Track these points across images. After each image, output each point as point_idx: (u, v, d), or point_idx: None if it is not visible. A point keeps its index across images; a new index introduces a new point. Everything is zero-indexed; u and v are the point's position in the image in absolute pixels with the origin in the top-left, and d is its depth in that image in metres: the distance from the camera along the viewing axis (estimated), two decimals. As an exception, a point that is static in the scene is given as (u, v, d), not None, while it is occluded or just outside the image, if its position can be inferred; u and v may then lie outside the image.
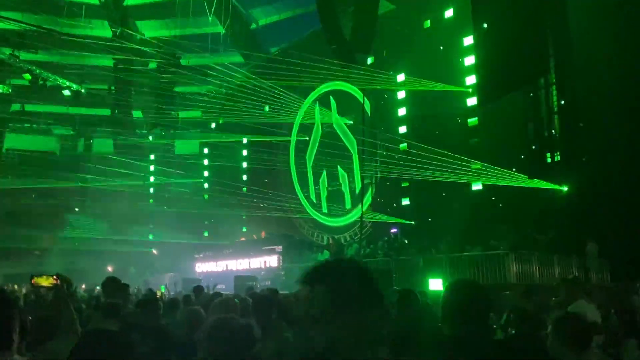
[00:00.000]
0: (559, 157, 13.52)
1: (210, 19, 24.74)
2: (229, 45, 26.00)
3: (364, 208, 16.42)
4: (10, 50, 23.13)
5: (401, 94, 18.03)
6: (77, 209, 29.56)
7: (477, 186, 14.74)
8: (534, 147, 14.00)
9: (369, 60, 18.21)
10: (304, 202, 21.87)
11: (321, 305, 1.52)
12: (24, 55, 24.15)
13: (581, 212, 12.29)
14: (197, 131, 28.68)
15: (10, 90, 27.13)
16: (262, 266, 16.91)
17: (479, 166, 14.25)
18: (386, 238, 15.71)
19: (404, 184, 17.34)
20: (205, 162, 28.73)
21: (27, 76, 23.38)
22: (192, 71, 24.42)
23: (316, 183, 21.28)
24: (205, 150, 29.12)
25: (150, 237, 28.57)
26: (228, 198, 24.92)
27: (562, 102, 13.27)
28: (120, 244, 26.96)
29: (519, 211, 13.37)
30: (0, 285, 7.12)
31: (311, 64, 17.94)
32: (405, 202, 17.40)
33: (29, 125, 30.45)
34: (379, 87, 17.59)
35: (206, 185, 28.13)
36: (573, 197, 12.79)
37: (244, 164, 26.17)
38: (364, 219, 15.83)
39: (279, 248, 17.70)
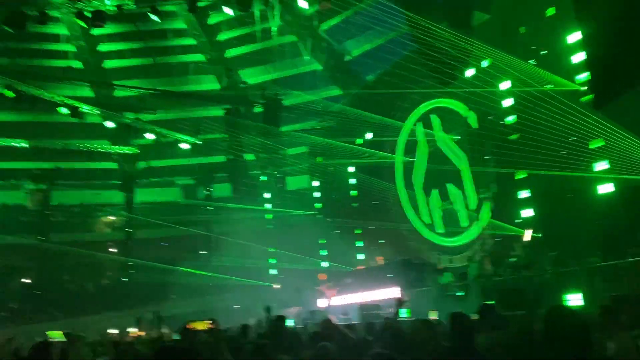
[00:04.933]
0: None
1: (306, 58, 25.68)
2: (327, 80, 26.75)
3: (483, 224, 15.81)
4: (134, 115, 25.71)
5: (507, 102, 17.33)
6: (203, 252, 31.44)
7: (606, 188, 13.59)
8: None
9: (469, 74, 17.80)
10: (417, 224, 21.54)
11: None
12: (145, 117, 26.75)
13: None
14: (306, 165, 29.60)
15: (137, 150, 30.07)
16: (386, 297, 16.69)
17: (605, 165, 13.19)
18: (515, 252, 14.90)
19: (524, 192, 16.46)
20: (317, 194, 29.40)
21: (150, 135, 25.75)
22: (295, 110, 25.37)
23: (427, 203, 20.91)
24: (316, 183, 29.85)
25: (273, 271, 29.62)
26: (341, 227, 25.27)
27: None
28: (246, 282, 28.18)
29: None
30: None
31: (410, 83, 17.89)
32: (528, 212, 16.46)
33: (155, 179, 33.28)
34: (482, 99, 17.06)
35: (319, 217, 28.71)
36: None
37: (354, 193, 26.43)
38: (483, 235, 15.25)
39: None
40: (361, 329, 6.70)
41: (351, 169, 25.92)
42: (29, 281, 30.62)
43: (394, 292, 15.79)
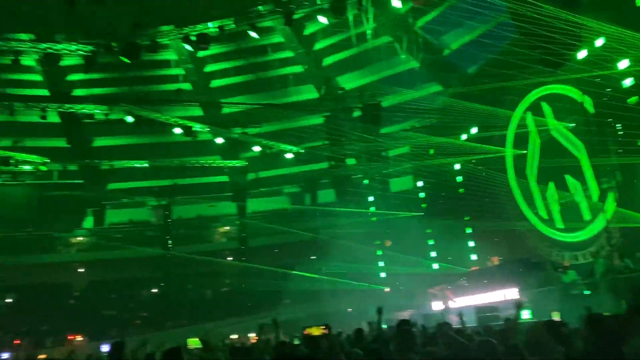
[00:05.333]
0: None
1: (403, 56, 25.36)
2: (426, 77, 26.21)
3: (608, 216, 14.56)
4: (241, 129, 26.98)
5: (627, 82, 15.81)
6: (313, 257, 32.03)
7: None
8: None
9: (581, 56, 16.51)
10: (533, 220, 20.31)
11: None
12: (251, 131, 27.96)
13: None
14: (409, 166, 29.17)
15: (245, 163, 31.47)
16: (503, 298, 15.89)
17: None
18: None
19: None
20: (422, 195, 28.84)
21: (257, 148, 26.84)
22: (395, 111, 25.14)
23: (543, 197, 19.64)
24: (420, 183, 29.30)
25: (383, 275, 29.46)
26: (450, 226, 24.54)
27: None
28: (356, 286, 28.31)
29: None
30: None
31: (514, 74, 16.98)
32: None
33: (263, 189, 34.60)
34: (598, 82, 15.74)
35: (427, 218, 28.10)
36: None
37: (461, 190, 25.57)
38: (609, 228, 14.02)
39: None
40: (474, 333, 6.41)
41: (457, 166, 25.11)
42: (156, 290, 33.07)
43: (511, 293, 15.03)
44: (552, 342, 4.16)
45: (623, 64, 15.35)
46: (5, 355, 23.16)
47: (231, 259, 34.37)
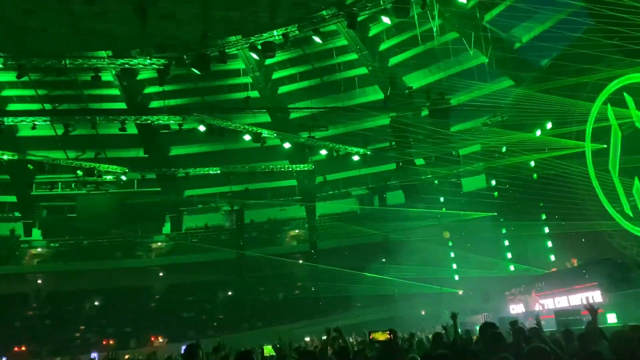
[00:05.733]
0: None
1: (471, 52, 24.66)
2: (496, 72, 25.36)
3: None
4: (308, 133, 27.25)
5: None
6: (383, 260, 31.76)
7: None
8: None
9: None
10: (617, 217, 19.08)
11: None
12: (318, 134, 28.18)
13: None
14: (481, 165, 28.30)
15: (313, 167, 31.75)
16: (584, 301, 15.06)
17: None
18: None
19: None
20: (495, 194, 27.90)
21: (324, 151, 27.01)
22: (464, 107, 24.53)
23: (629, 194, 18.41)
24: (493, 182, 28.36)
25: (455, 277, 28.76)
26: (527, 226, 23.60)
27: None
28: (428, 289, 27.78)
29: None
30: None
31: (591, 62, 16.06)
32: None
33: (332, 192, 34.76)
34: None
35: (502, 218, 27.14)
36: None
37: (537, 188, 24.47)
38: None
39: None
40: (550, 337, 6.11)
41: (532, 163, 24.07)
42: (231, 293, 34.00)
43: (595, 296, 14.21)
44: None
45: None
46: (94, 354, 24.58)
47: (301, 262, 34.78)
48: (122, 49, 23.53)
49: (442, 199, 29.91)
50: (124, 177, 31.24)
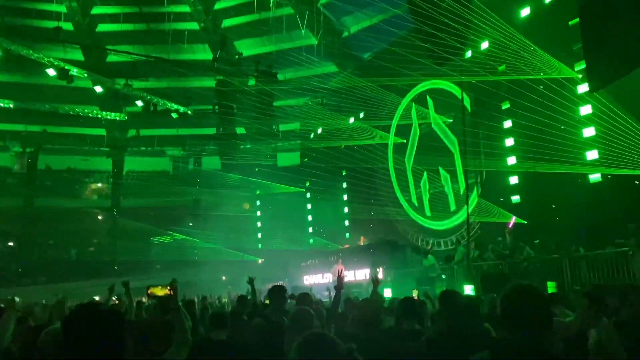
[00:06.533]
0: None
1: (303, 32, 25.21)
2: (323, 56, 26.32)
3: (470, 209, 15.70)
4: (124, 80, 25.19)
5: (503, 87, 17.10)
6: (190, 224, 31.29)
7: (594, 176, 13.45)
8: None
9: (467, 55, 17.51)
10: (405, 206, 21.46)
11: None
12: (136, 84, 26.23)
13: None
14: (297, 142, 29.33)
15: (126, 118, 29.58)
16: (367, 276, 16.69)
17: (595, 155, 13.11)
18: (500, 239, 14.81)
19: (513, 178, 16.39)
20: (306, 172, 29.23)
21: (140, 103, 25.29)
22: (289, 84, 25.00)
23: (417, 186, 20.78)
24: (306, 160, 29.66)
25: (259, 246, 29.61)
26: (330, 205, 25.22)
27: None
28: (231, 255, 28.14)
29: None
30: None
31: (407, 63, 17.58)
32: (515, 199, 16.38)
33: (144, 148, 32.90)
34: (478, 79, 16.81)
35: (308, 195, 28.58)
36: None
37: (344, 172, 26.28)
38: (470, 220, 15.13)
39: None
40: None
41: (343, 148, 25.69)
42: (12, 244, 30.40)
43: (377, 271, 15.76)
44: (378, 317, 4.32)
45: (500, 69, 16.52)
46: None
47: (101, 218, 32.51)
48: None
49: (257, 169, 30.37)
50: None
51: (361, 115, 22.90)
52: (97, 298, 19.28)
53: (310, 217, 28.00)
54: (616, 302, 5.78)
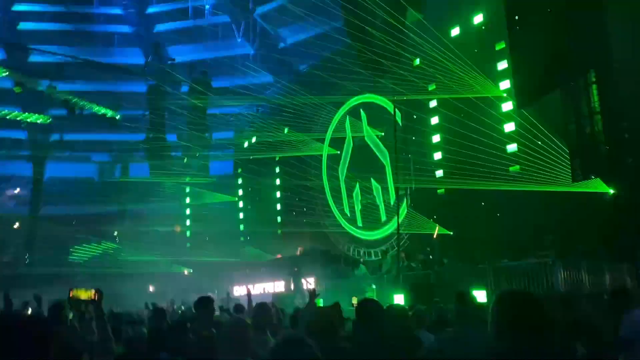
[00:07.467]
0: (602, 159, 12.92)
1: (238, 40, 25.07)
2: (259, 66, 26.26)
3: (400, 220, 16.10)
4: (49, 82, 23.95)
5: (432, 103, 17.76)
6: (115, 233, 30.01)
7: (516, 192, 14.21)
8: (576, 149, 13.38)
9: (400, 71, 18.04)
10: (338, 216, 21.68)
11: None
12: (62, 86, 25.00)
13: (628, 216, 11.70)
14: (231, 151, 28.94)
15: (50, 121, 28.08)
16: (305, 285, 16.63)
17: (517, 169, 13.87)
18: (428, 249, 15.29)
19: (440, 192, 17.00)
20: (240, 181, 28.88)
21: (65, 106, 24.12)
22: (224, 93, 24.72)
23: (349, 196, 21.07)
24: (239, 170, 29.29)
25: (188, 257, 28.79)
26: (263, 214, 25.01)
27: (603, 101, 12.67)
28: (158, 266, 27.20)
29: (563, 218, 12.81)
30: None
31: (342, 76, 17.89)
32: (443, 211, 16.97)
33: (68, 153, 31.33)
34: (410, 97, 17.37)
35: (241, 204, 28.22)
36: (620, 199, 12.20)
37: (278, 181, 26.19)
38: (400, 231, 15.51)
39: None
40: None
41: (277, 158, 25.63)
42: None
43: (310, 281, 15.80)
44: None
45: (431, 86, 17.17)
46: None
47: (17, 226, 30.57)
48: None
49: (187, 178, 29.64)
50: None
51: (296, 126, 22.99)
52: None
53: (242, 227, 27.63)
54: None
